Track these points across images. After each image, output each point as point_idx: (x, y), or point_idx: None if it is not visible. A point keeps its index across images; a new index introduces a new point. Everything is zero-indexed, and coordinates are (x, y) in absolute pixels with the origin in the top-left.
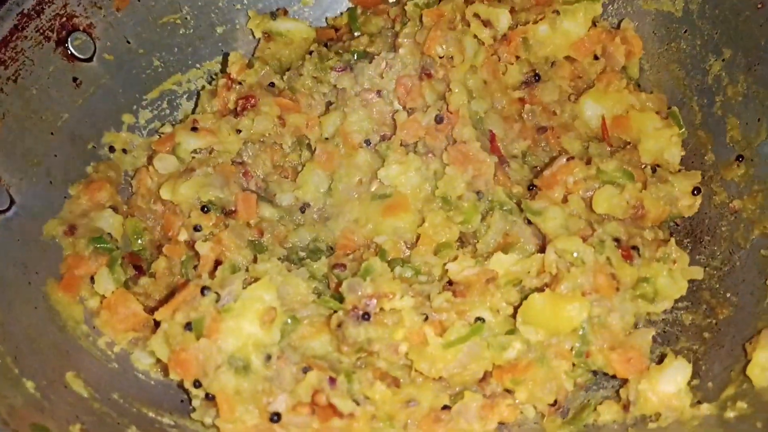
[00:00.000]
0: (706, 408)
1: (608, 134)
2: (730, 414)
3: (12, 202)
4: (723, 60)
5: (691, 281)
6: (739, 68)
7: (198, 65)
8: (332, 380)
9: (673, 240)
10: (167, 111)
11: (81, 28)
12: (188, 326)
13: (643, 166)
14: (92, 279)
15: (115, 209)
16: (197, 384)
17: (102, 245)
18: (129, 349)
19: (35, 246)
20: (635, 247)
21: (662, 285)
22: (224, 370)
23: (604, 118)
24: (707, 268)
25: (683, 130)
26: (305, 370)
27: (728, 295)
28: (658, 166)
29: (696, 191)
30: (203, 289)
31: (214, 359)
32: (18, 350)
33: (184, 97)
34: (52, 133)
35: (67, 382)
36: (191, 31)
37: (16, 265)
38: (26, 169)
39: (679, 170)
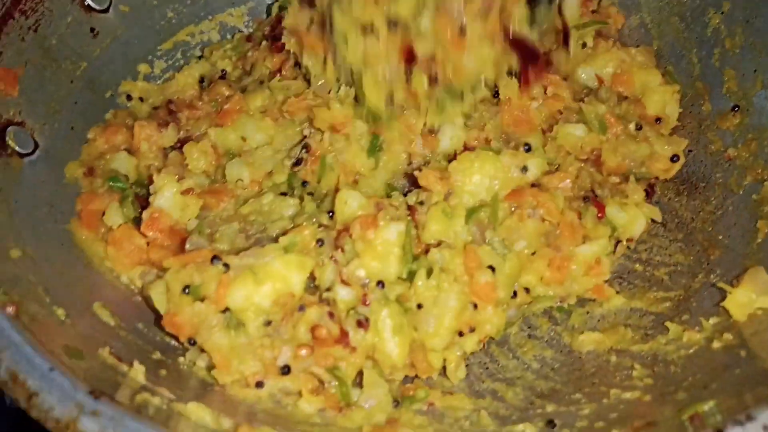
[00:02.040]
0: (695, 336)
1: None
2: (717, 344)
3: (36, 145)
4: (722, 13)
5: (683, 225)
6: (737, 21)
7: (210, 17)
8: (331, 314)
9: (632, 177)
10: (181, 61)
11: None
12: (186, 289)
13: (651, 124)
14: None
15: (129, 152)
16: (192, 342)
17: (116, 184)
18: (141, 282)
19: (59, 187)
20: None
21: (615, 217)
22: (218, 330)
23: (598, 76)
24: (701, 213)
25: (680, 87)
26: (302, 308)
27: (720, 237)
28: (659, 119)
29: (675, 158)
30: (213, 258)
31: (209, 321)
32: (48, 282)
33: (197, 48)
34: (71, 81)
35: (94, 311)
36: None
37: (43, 205)
38: (48, 115)
39: (673, 130)
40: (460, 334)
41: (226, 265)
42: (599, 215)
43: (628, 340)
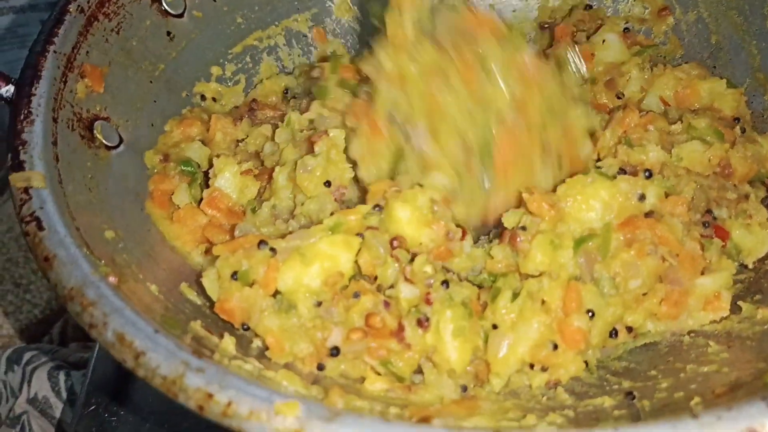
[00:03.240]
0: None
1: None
2: None
3: (121, 140)
4: None
5: None
6: None
7: (276, 22)
8: (387, 303)
9: (753, 196)
10: (250, 65)
11: None
12: (234, 275)
13: (732, 126)
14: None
15: (204, 143)
16: (245, 327)
17: (186, 168)
18: (202, 261)
19: (143, 178)
20: (709, 211)
21: (741, 241)
22: (268, 314)
23: (663, 99)
24: None
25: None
26: (356, 296)
27: None
28: (737, 119)
29: None
30: (260, 243)
31: (259, 305)
32: (140, 261)
33: (264, 52)
34: (150, 81)
35: (182, 290)
36: None
37: (129, 194)
38: (131, 112)
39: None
40: (531, 366)
41: (273, 249)
42: (723, 245)
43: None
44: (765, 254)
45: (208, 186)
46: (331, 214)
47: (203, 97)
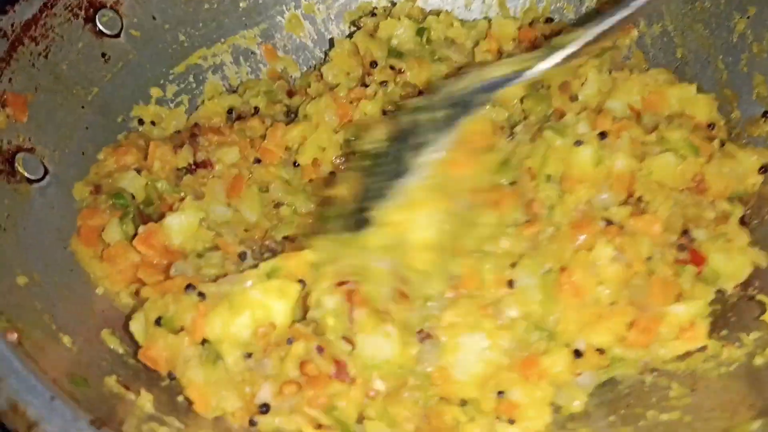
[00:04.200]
0: (736, 353)
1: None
2: (760, 360)
3: (46, 171)
4: (748, 17)
5: None
6: (765, 25)
7: (222, 39)
8: (320, 348)
9: (733, 218)
10: (193, 84)
11: (108, 5)
12: (158, 321)
13: (707, 133)
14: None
15: (139, 171)
16: (172, 376)
17: (119, 201)
18: (132, 303)
19: (68, 212)
20: (686, 232)
21: (720, 266)
22: (193, 364)
23: (630, 106)
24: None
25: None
26: (290, 341)
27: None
28: (712, 125)
29: (762, 169)
30: (187, 287)
31: (184, 354)
32: (55, 308)
33: (210, 71)
34: (82, 107)
35: (102, 338)
36: (215, 5)
37: (51, 231)
38: (59, 141)
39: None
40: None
41: (202, 294)
42: (699, 271)
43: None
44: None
45: (143, 221)
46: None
47: (141, 121)
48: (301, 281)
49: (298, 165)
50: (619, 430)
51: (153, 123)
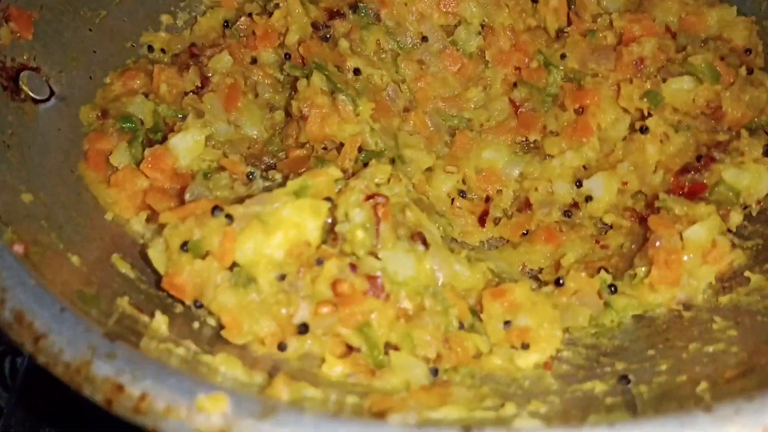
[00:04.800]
0: None
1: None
2: None
3: (52, 93)
4: None
5: None
6: None
7: None
8: (353, 266)
9: (744, 132)
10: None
11: None
12: (184, 246)
13: (744, 59)
14: None
15: (147, 96)
16: (198, 304)
17: (127, 124)
18: (145, 229)
19: (76, 136)
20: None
21: (735, 181)
22: (224, 289)
23: (667, 26)
24: None
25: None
26: (320, 262)
27: None
28: (749, 50)
29: None
30: (214, 209)
31: (213, 279)
32: (62, 229)
33: None
34: (90, 30)
35: (113, 262)
36: None
37: (57, 153)
38: (65, 63)
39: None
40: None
41: (229, 216)
42: (700, 197)
43: None
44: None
45: (151, 145)
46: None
47: (151, 48)
48: (328, 199)
49: (290, 57)
50: (658, 362)
51: (163, 51)
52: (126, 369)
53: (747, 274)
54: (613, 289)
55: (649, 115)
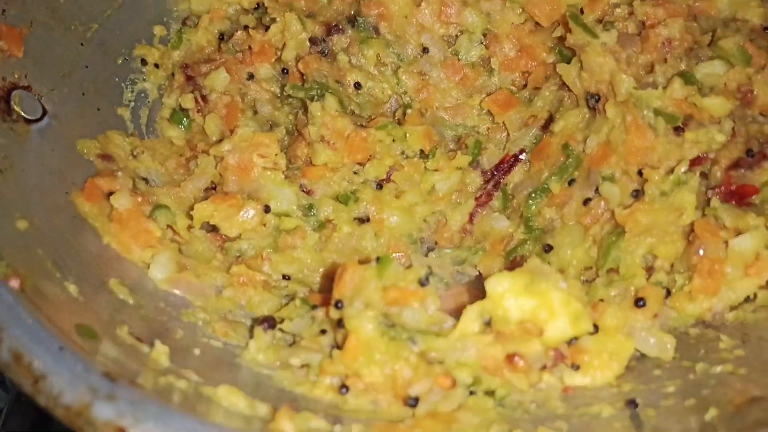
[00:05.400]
0: None
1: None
2: None
3: (44, 111)
4: None
5: None
6: None
7: None
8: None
9: None
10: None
11: None
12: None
13: (764, 37)
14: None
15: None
16: (339, 304)
17: (161, 214)
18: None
19: (70, 156)
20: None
21: None
22: (370, 316)
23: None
24: None
25: None
26: None
27: None
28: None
29: None
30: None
31: (367, 295)
32: (58, 256)
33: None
34: (81, 44)
35: (111, 288)
36: None
37: (52, 174)
38: (57, 80)
39: None
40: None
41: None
42: (746, 203)
43: None
44: None
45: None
46: None
47: (144, 62)
48: None
49: (287, 72)
50: (665, 384)
51: (156, 65)
52: (127, 411)
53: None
54: (668, 293)
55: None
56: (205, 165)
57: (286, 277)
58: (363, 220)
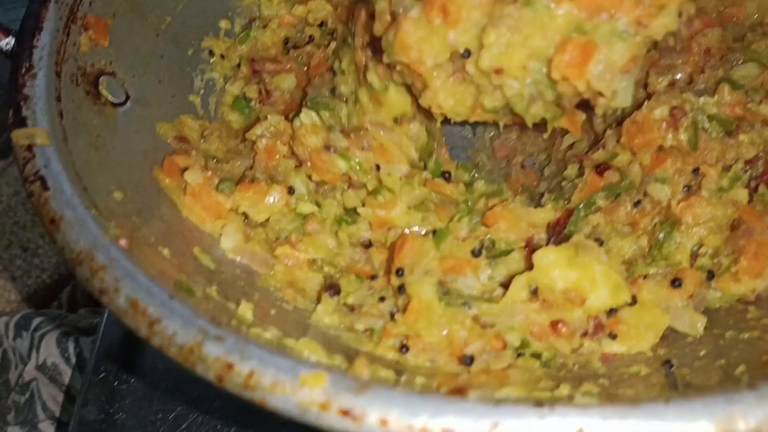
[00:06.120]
0: None
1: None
2: None
3: (127, 96)
4: None
5: None
6: None
7: None
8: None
9: None
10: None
11: None
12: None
13: None
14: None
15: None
16: (400, 272)
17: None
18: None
19: (151, 137)
20: None
21: None
22: (430, 282)
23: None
24: None
25: None
26: None
27: None
28: None
29: None
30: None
31: (426, 264)
32: (150, 224)
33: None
34: (157, 35)
35: (195, 255)
36: None
37: (137, 153)
38: (137, 67)
39: None
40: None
41: None
42: None
43: None
44: None
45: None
46: None
47: (211, 53)
48: None
49: None
50: (697, 348)
51: (222, 56)
52: (234, 350)
53: None
54: (710, 275)
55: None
56: (249, 147)
57: (317, 260)
58: (365, 245)
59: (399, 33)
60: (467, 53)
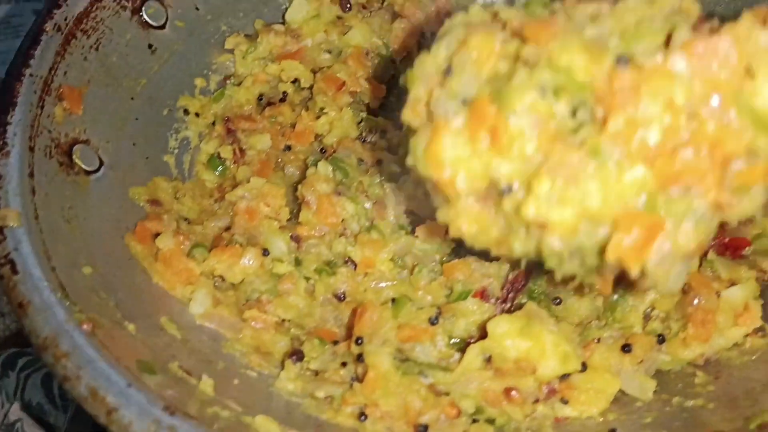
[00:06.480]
0: (759, 342)
1: None
2: None
3: (101, 163)
4: None
5: None
6: None
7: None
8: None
9: None
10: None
11: None
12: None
13: None
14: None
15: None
16: (359, 341)
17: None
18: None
19: (123, 202)
20: None
21: None
22: (387, 352)
23: None
24: None
25: None
26: None
27: None
28: None
29: None
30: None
31: (384, 333)
32: (118, 297)
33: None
34: (132, 98)
35: (162, 325)
36: None
37: (109, 221)
38: (112, 133)
39: None
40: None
41: None
42: (739, 255)
43: None
44: None
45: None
46: None
47: (186, 112)
48: None
49: (325, 151)
50: (644, 415)
51: (197, 114)
52: None
53: None
54: (661, 338)
55: None
56: (225, 207)
57: (285, 321)
58: (339, 298)
59: (433, 146)
60: (509, 189)
